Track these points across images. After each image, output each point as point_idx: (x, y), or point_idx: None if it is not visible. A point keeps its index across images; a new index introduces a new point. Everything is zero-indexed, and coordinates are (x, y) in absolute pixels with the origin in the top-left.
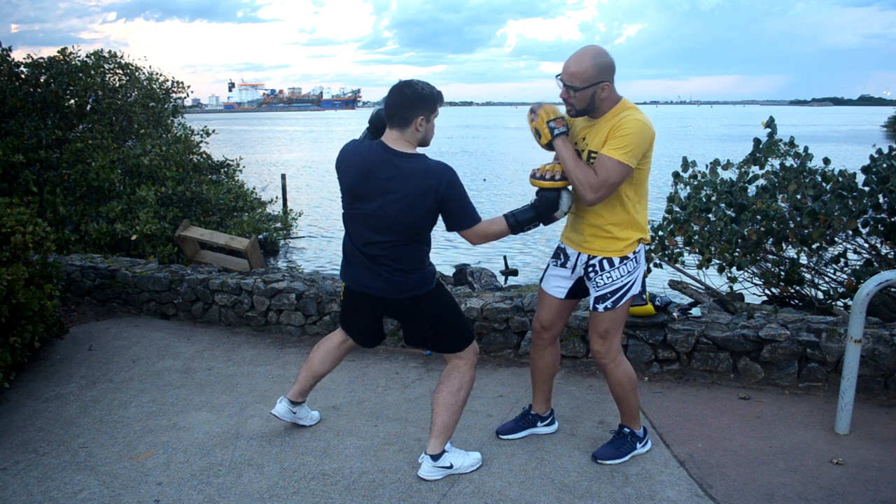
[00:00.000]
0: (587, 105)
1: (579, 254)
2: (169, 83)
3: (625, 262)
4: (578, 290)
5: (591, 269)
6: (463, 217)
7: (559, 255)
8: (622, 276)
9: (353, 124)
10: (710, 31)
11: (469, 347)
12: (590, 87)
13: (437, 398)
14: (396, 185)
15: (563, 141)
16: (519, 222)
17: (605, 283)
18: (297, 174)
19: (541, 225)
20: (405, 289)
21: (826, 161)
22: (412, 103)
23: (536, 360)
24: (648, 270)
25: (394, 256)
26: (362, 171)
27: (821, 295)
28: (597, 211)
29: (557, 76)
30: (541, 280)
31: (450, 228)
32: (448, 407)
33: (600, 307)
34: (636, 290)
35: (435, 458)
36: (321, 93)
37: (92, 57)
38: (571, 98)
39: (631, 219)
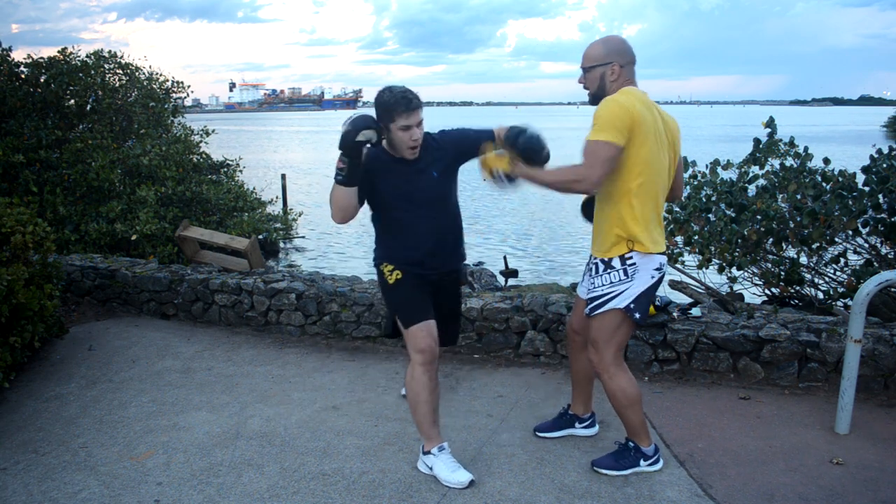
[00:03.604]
0: (597, 88)
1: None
2: (169, 83)
3: (626, 261)
4: None
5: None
6: None
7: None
8: (622, 281)
9: None
10: (710, 31)
11: (410, 343)
12: (597, 67)
13: None
14: None
15: (519, 169)
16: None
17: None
18: (298, 174)
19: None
20: None
21: (826, 161)
22: (375, 109)
23: (573, 362)
24: None
25: None
26: None
27: (821, 295)
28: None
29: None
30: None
31: None
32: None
33: (587, 310)
34: (622, 303)
35: (424, 452)
36: (322, 93)
37: (92, 57)
38: (585, 81)
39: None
